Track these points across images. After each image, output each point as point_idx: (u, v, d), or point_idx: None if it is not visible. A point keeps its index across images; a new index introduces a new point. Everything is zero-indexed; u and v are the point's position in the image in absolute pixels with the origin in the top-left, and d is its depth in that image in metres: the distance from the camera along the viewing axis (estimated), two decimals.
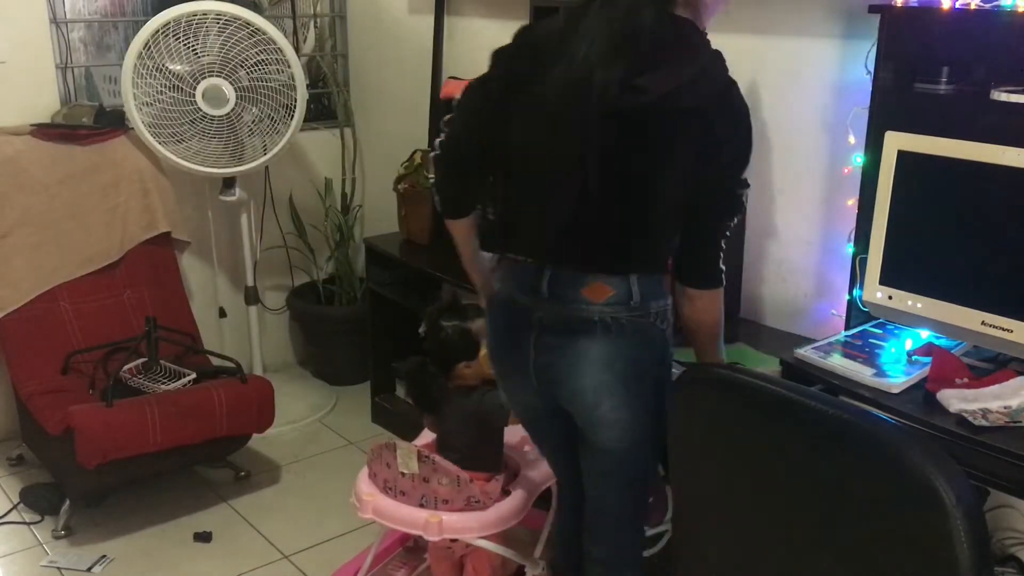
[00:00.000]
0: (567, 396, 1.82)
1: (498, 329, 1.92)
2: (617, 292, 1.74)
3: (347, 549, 2.84)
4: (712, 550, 1.60)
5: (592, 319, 1.74)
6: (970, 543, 1.19)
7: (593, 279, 1.74)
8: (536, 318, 1.79)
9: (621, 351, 1.76)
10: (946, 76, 2.02)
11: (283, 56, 3.27)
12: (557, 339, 1.79)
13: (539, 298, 1.78)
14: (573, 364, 1.78)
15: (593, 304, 1.74)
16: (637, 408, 1.80)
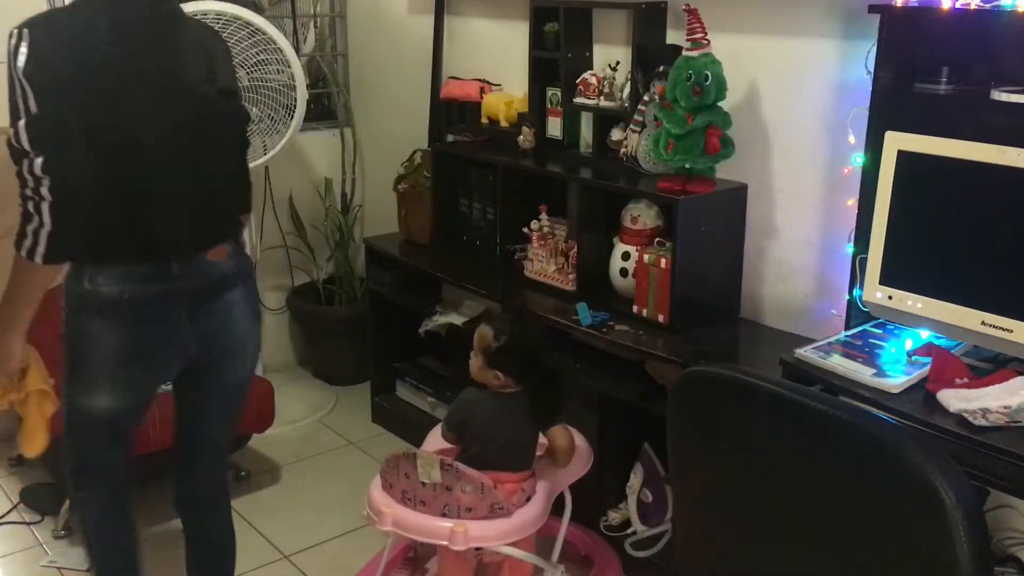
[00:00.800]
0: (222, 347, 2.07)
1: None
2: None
3: (347, 549, 2.84)
4: (712, 550, 1.60)
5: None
6: (970, 543, 1.19)
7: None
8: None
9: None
10: (946, 76, 2.02)
11: (283, 56, 3.27)
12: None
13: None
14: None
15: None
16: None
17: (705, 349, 2.41)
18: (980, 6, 1.89)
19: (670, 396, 1.61)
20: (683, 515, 1.69)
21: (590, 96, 2.83)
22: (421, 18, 3.60)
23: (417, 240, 3.48)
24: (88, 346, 1.93)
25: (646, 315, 2.56)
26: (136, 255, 1.90)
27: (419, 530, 2.19)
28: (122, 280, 1.89)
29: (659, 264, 2.50)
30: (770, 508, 1.45)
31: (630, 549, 2.62)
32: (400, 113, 3.81)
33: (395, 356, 3.65)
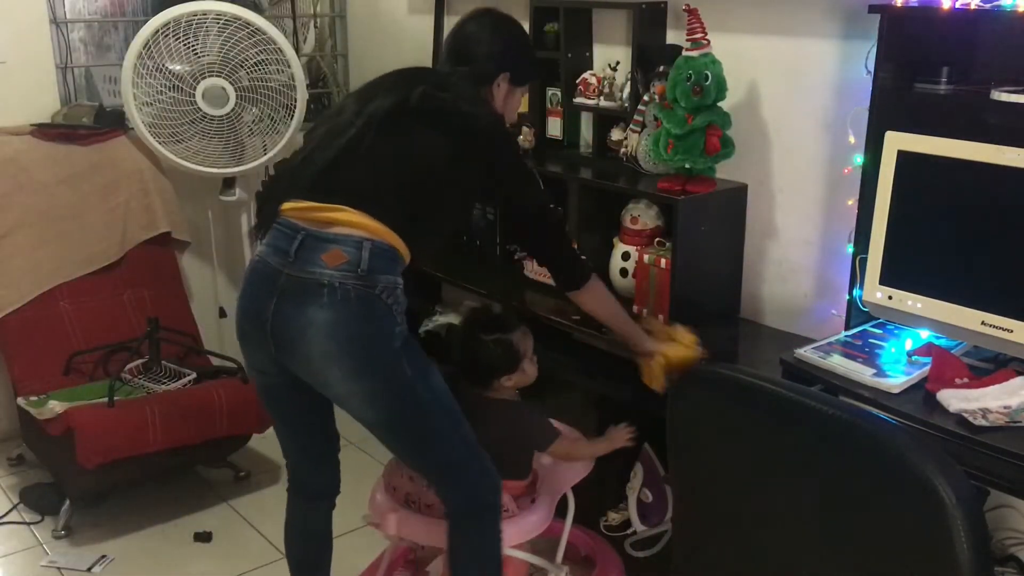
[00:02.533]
0: (299, 363, 1.92)
1: (243, 291, 1.99)
2: (349, 259, 1.86)
3: (347, 549, 2.84)
4: (712, 550, 1.60)
5: (322, 283, 1.85)
6: (970, 543, 1.19)
7: (332, 246, 1.87)
8: (280, 282, 1.88)
9: (344, 319, 1.87)
10: (946, 76, 2.02)
11: (283, 56, 3.27)
12: (291, 303, 1.88)
13: (286, 261, 1.88)
14: (303, 328, 1.87)
15: (326, 269, 1.86)
16: (371, 376, 1.91)
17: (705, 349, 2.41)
18: (980, 6, 1.89)
19: (670, 396, 1.61)
20: (683, 515, 1.69)
21: (590, 96, 2.83)
22: (421, 18, 3.60)
23: None
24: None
25: (646, 315, 2.55)
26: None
27: (424, 534, 2.18)
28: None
29: (659, 264, 2.50)
30: (770, 508, 1.45)
31: (630, 549, 2.62)
32: None
33: None
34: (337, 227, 1.89)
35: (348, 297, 1.85)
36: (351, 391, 1.91)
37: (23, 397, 2.95)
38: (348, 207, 1.89)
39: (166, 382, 3.05)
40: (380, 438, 2.02)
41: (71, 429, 2.68)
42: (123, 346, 3.15)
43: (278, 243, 1.92)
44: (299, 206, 1.93)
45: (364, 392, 1.91)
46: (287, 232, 1.91)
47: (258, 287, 1.93)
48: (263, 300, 1.90)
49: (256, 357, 2.01)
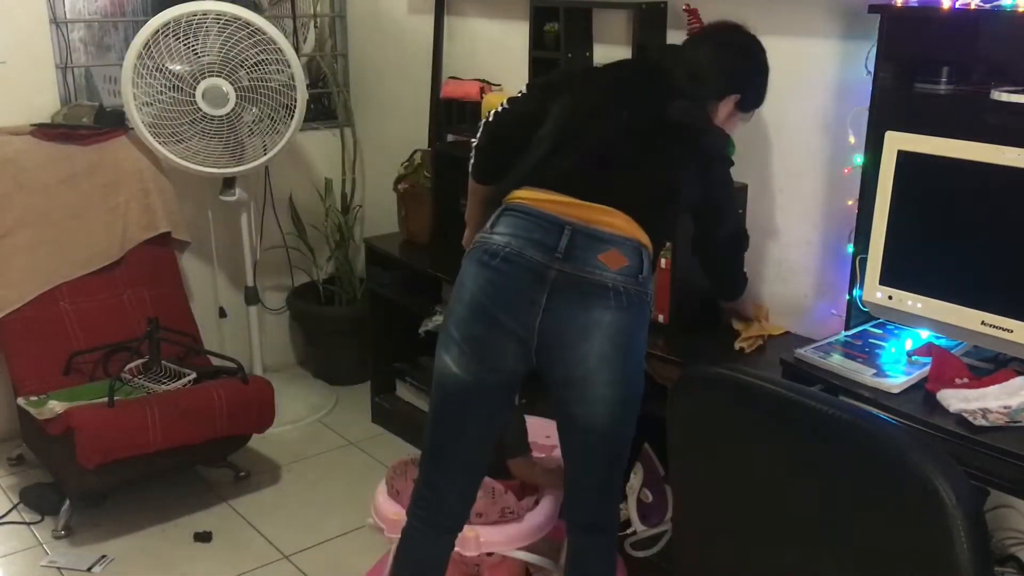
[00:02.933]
0: (566, 362, 1.85)
1: (494, 280, 1.86)
2: (630, 263, 1.83)
3: (347, 549, 2.84)
4: (712, 550, 1.60)
5: (607, 285, 1.81)
6: (970, 543, 1.19)
7: (609, 247, 1.83)
8: (550, 277, 1.82)
9: (628, 325, 1.84)
10: (946, 76, 2.02)
11: (283, 56, 3.27)
12: (570, 301, 1.82)
13: (553, 256, 1.82)
14: (585, 328, 1.82)
15: (608, 271, 1.82)
16: (627, 384, 1.88)
17: (705, 349, 2.41)
18: (980, 6, 1.89)
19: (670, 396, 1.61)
20: (683, 515, 1.69)
21: None
22: (421, 18, 3.60)
23: (417, 240, 3.48)
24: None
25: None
26: None
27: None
28: None
29: (659, 264, 2.50)
30: (770, 508, 1.45)
31: (630, 549, 2.62)
32: (400, 113, 3.82)
33: (395, 356, 3.65)
34: (608, 228, 1.85)
35: (632, 302, 1.83)
36: (606, 395, 1.86)
37: (23, 397, 2.95)
38: (619, 211, 1.86)
39: (166, 382, 3.05)
40: (587, 444, 1.94)
41: (71, 429, 2.68)
42: (123, 346, 3.15)
43: (534, 235, 1.84)
44: (554, 199, 1.88)
45: (617, 397, 1.87)
46: (546, 225, 1.84)
47: (518, 280, 1.84)
48: (527, 294, 1.83)
49: (493, 352, 1.89)
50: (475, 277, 1.88)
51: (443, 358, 1.92)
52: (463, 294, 1.89)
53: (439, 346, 1.94)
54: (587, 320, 1.81)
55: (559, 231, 1.83)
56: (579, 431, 1.92)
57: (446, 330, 1.92)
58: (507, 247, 1.85)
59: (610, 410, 1.88)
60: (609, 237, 1.83)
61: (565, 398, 1.90)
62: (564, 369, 1.86)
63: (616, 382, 1.86)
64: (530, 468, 2.32)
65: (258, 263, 3.73)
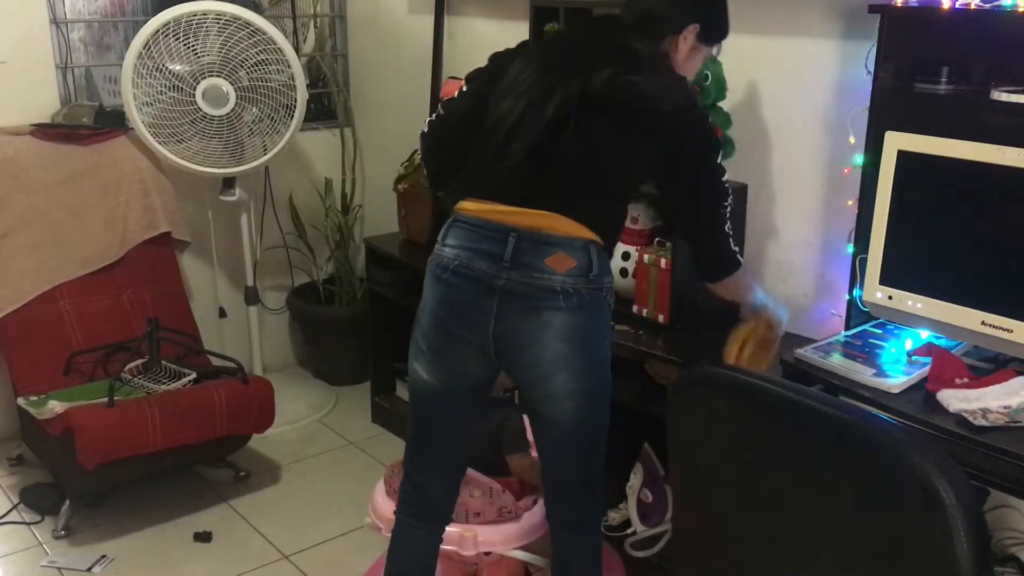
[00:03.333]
0: (523, 365, 1.88)
1: (448, 293, 1.91)
2: (578, 263, 1.84)
3: (347, 549, 2.84)
4: (712, 550, 1.60)
5: (555, 288, 1.83)
6: (970, 543, 1.19)
7: (555, 250, 1.83)
8: (499, 285, 1.84)
9: (580, 323, 1.86)
10: (946, 76, 2.02)
11: (283, 56, 3.28)
12: (519, 307, 1.84)
13: (501, 266, 1.84)
14: (535, 332, 1.84)
15: (556, 274, 1.83)
16: (589, 378, 1.90)
17: (705, 349, 2.41)
18: (980, 6, 1.89)
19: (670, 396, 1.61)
20: (683, 515, 1.69)
21: None
22: (421, 18, 3.60)
23: (417, 240, 3.48)
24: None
25: (646, 315, 2.56)
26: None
27: None
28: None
29: (659, 264, 2.50)
30: (770, 508, 1.45)
31: (630, 549, 2.62)
32: (400, 113, 3.81)
33: (395, 356, 3.65)
34: (551, 231, 1.84)
35: (584, 301, 1.84)
36: (570, 391, 1.90)
37: (23, 397, 2.95)
38: (560, 215, 1.84)
39: (166, 382, 3.05)
40: (559, 439, 1.97)
41: (71, 429, 2.68)
42: (123, 346, 3.15)
43: (481, 245, 1.86)
44: (496, 208, 1.87)
45: (581, 391, 1.90)
46: (491, 234, 1.86)
47: (468, 292, 1.88)
48: (478, 305, 1.87)
49: (456, 360, 1.95)
50: (433, 291, 1.95)
51: (414, 366, 2.00)
52: (424, 307, 1.98)
53: (411, 354, 2.02)
54: (537, 324, 1.84)
55: (504, 239, 1.84)
56: (547, 428, 1.97)
57: (415, 340, 1.99)
58: (456, 260, 1.89)
59: (574, 405, 1.91)
60: (554, 240, 1.84)
61: (531, 397, 1.95)
62: (523, 371, 1.91)
63: (576, 378, 1.89)
64: (529, 464, 2.32)
65: (258, 263, 3.74)
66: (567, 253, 1.84)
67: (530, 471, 2.32)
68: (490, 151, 1.89)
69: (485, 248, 1.86)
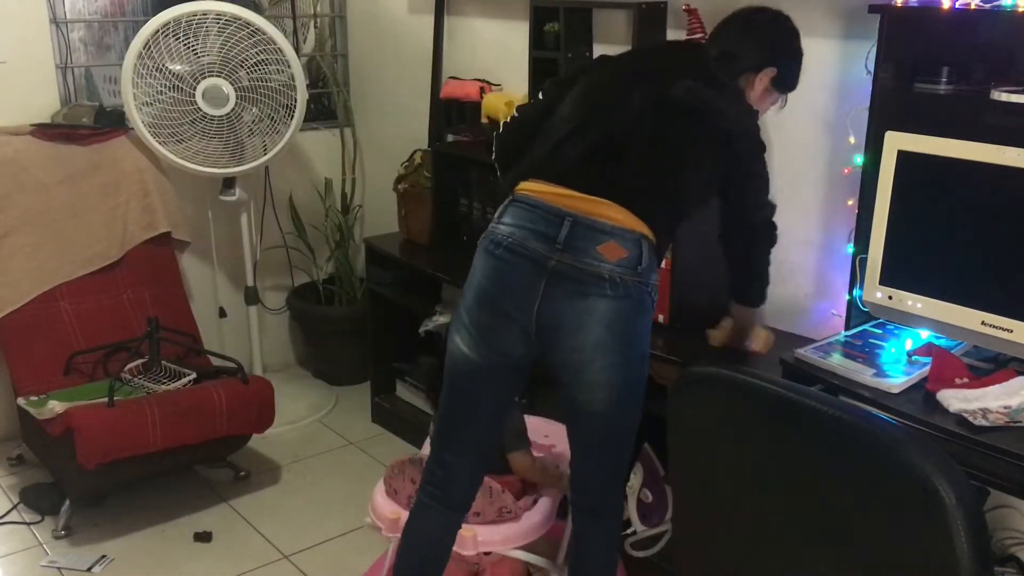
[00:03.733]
0: (563, 349, 1.89)
1: (498, 269, 1.93)
2: (629, 255, 1.86)
3: (347, 549, 2.84)
4: (712, 550, 1.60)
5: (603, 275, 1.85)
6: (970, 543, 1.19)
7: (608, 238, 1.85)
8: (549, 267, 1.86)
9: (623, 313, 1.87)
10: (946, 76, 2.02)
11: (283, 56, 3.28)
12: (567, 290, 1.86)
13: (553, 247, 1.86)
14: (579, 316, 1.86)
15: (606, 262, 1.85)
16: (627, 369, 1.92)
17: (705, 349, 2.41)
18: (980, 6, 1.89)
19: (670, 396, 1.61)
20: (683, 515, 1.69)
21: None
22: (421, 18, 3.60)
23: (417, 240, 3.48)
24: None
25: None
26: None
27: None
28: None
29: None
30: (770, 508, 1.45)
31: (630, 549, 2.62)
32: (400, 113, 3.81)
33: (395, 356, 3.65)
34: (607, 220, 1.87)
35: (630, 292, 1.86)
36: (605, 380, 1.91)
37: (23, 397, 2.95)
38: (619, 205, 1.88)
39: (166, 382, 3.05)
40: (591, 428, 1.99)
41: (71, 429, 2.68)
42: (123, 346, 3.15)
43: (536, 226, 1.89)
44: (557, 191, 1.91)
45: (617, 383, 1.92)
46: (547, 216, 1.89)
47: (518, 269, 1.90)
48: (527, 283, 1.88)
49: (498, 337, 1.95)
50: (483, 266, 1.96)
51: (455, 340, 1.99)
52: (472, 281, 1.98)
53: (451, 329, 2.02)
54: (583, 308, 1.86)
55: (559, 222, 1.87)
56: (581, 415, 1.97)
57: (457, 314, 2.00)
58: (510, 237, 1.91)
59: (610, 394, 1.92)
60: (609, 229, 1.86)
61: (567, 382, 1.95)
62: (561, 355, 1.91)
63: (614, 366, 1.90)
64: (530, 462, 2.32)
65: (258, 263, 3.74)
66: (619, 243, 1.86)
67: (531, 469, 2.32)
68: (559, 136, 1.96)
69: (540, 229, 1.88)
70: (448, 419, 2.06)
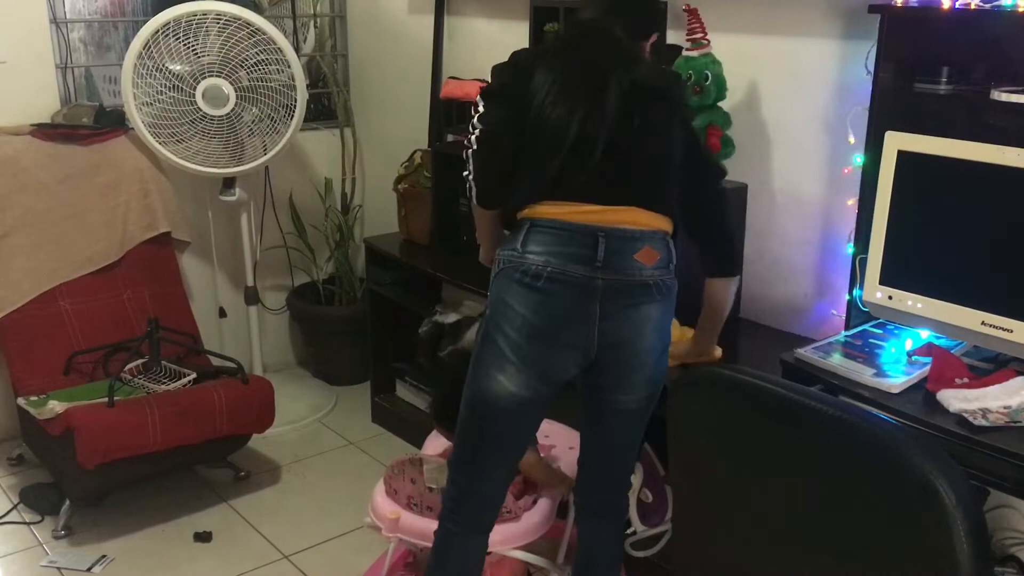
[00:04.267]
0: (620, 358, 1.91)
1: (544, 302, 1.85)
2: (661, 255, 1.89)
3: (347, 549, 2.84)
4: (712, 550, 1.60)
5: (648, 283, 1.88)
6: (970, 543, 1.19)
7: (641, 244, 1.87)
8: (599, 287, 1.85)
9: (666, 313, 1.93)
10: (946, 76, 2.02)
11: (283, 56, 3.27)
12: (622, 305, 1.87)
13: (595, 267, 1.85)
14: (638, 326, 1.88)
15: (646, 267, 1.87)
16: (663, 370, 1.97)
17: None
18: (980, 6, 1.89)
19: (670, 396, 1.61)
20: (683, 515, 1.69)
21: None
22: (421, 18, 3.60)
23: (417, 240, 3.48)
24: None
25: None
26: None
27: (428, 536, 2.15)
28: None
29: None
30: (770, 508, 1.45)
31: (630, 549, 2.61)
32: (400, 113, 3.81)
33: (395, 356, 3.65)
34: (635, 226, 1.87)
35: (669, 292, 1.91)
36: (648, 379, 1.93)
37: (23, 397, 2.95)
38: (639, 208, 1.88)
39: (166, 382, 3.05)
40: (622, 427, 2.01)
41: (71, 429, 2.68)
42: (123, 346, 3.15)
43: (571, 248, 1.84)
44: (578, 209, 1.86)
45: (655, 382, 1.95)
46: (580, 237, 1.84)
47: (568, 298, 1.85)
48: (581, 308, 1.85)
49: (555, 368, 1.90)
50: (523, 300, 1.87)
51: (496, 378, 1.90)
52: (513, 318, 1.87)
53: (487, 366, 1.91)
54: (637, 318, 1.88)
55: (594, 240, 1.84)
56: (614, 416, 1.98)
57: (497, 351, 1.89)
58: (548, 266, 1.85)
59: (646, 394, 1.96)
60: (639, 235, 1.87)
61: (609, 385, 1.94)
62: (617, 364, 1.92)
63: (659, 364, 1.94)
64: (537, 459, 2.32)
65: (258, 263, 3.73)
66: (652, 246, 1.88)
67: (538, 466, 2.32)
68: (561, 153, 1.87)
69: (576, 251, 1.85)
70: (486, 451, 1.98)
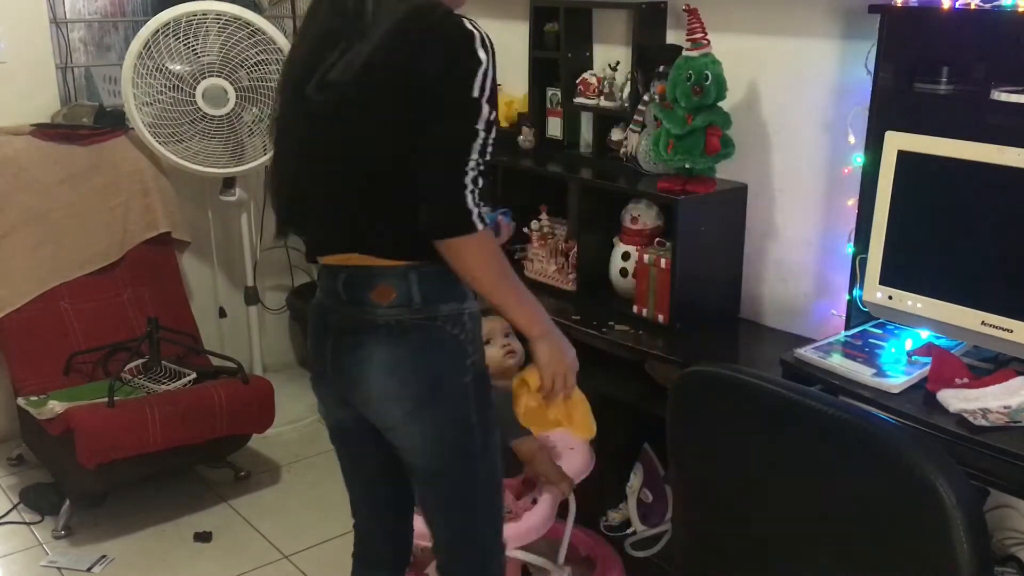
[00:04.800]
0: (359, 402, 1.78)
1: (309, 332, 1.85)
2: (398, 294, 1.65)
3: (347, 549, 2.83)
4: (712, 550, 1.60)
5: (376, 323, 1.67)
6: (970, 543, 1.19)
7: (377, 282, 1.66)
8: (333, 322, 1.75)
9: (402, 356, 1.68)
10: (946, 76, 2.02)
11: (283, 56, 3.27)
12: (347, 343, 1.73)
13: (339, 301, 1.72)
14: (358, 366, 1.72)
15: (380, 307, 1.66)
16: (432, 419, 1.72)
17: (705, 349, 2.41)
18: (980, 6, 1.89)
19: (670, 396, 1.61)
20: (683, 515, 1.69)
21: (590, 96, 2.82)
22: None
23: None
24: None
25: (646, 315, 2.55)
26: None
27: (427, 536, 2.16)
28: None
29: (659, 264, 2.50)
30: (770, 508, 1.45)
31: (630, 549, 2.62)
32: None
33: None
34: (367, 264, 1.67)
35: (408, 333, 1.66)
36: (413, 432, 1.72)
37: (23, 397, 2.96)
38: (357, 254, 1.67)
39: (166, 382, 3.05)
40: (421, 492, 1.85)
41: (71, 429, 2.68)
42: (123, 346, 3.15)
43: (324, 282, 1.77)
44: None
45: (424, 433, 1.72)
46: (327, 272, 1.75)
47: (316, 327, 1.80)
48: (322, 339, 1.77)
49: (326, 396, 1.91)
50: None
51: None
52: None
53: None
54: (360, 357, 1.70)
55: (335, 276, 1.72)
56: (409, 473, 1.82)
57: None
58: (315, 298, 1.82)
59: (424, 448, 1.74)
60: (375, 271, 1.66)
61: (388, 439, 1.79)
62: (363, 410, 1.79)
63: (416, 419, 1.71)
64: (536, 448, 2.31)
65: (258, 263, 3.73)
66: (387, 283, 1.67)
67: (538, 454, 2.31)
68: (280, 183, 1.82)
69: (327, 285, 1.79)
70: (345, 481, 2.05)
